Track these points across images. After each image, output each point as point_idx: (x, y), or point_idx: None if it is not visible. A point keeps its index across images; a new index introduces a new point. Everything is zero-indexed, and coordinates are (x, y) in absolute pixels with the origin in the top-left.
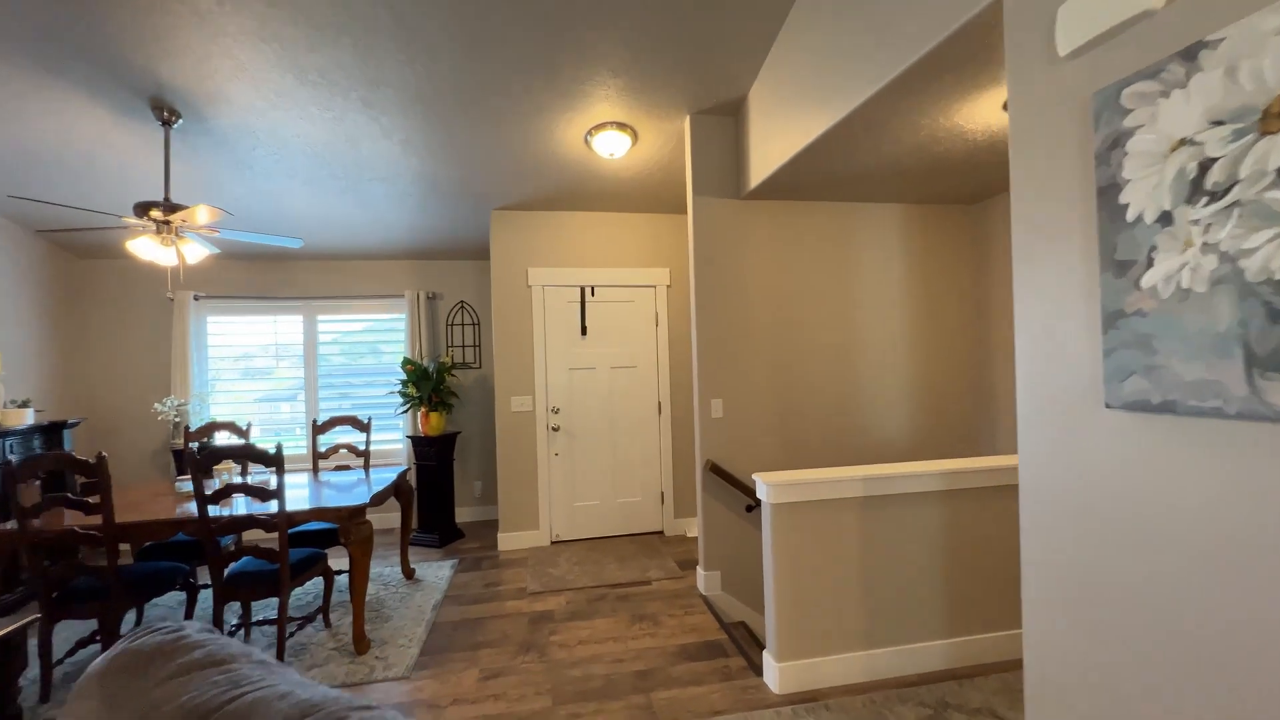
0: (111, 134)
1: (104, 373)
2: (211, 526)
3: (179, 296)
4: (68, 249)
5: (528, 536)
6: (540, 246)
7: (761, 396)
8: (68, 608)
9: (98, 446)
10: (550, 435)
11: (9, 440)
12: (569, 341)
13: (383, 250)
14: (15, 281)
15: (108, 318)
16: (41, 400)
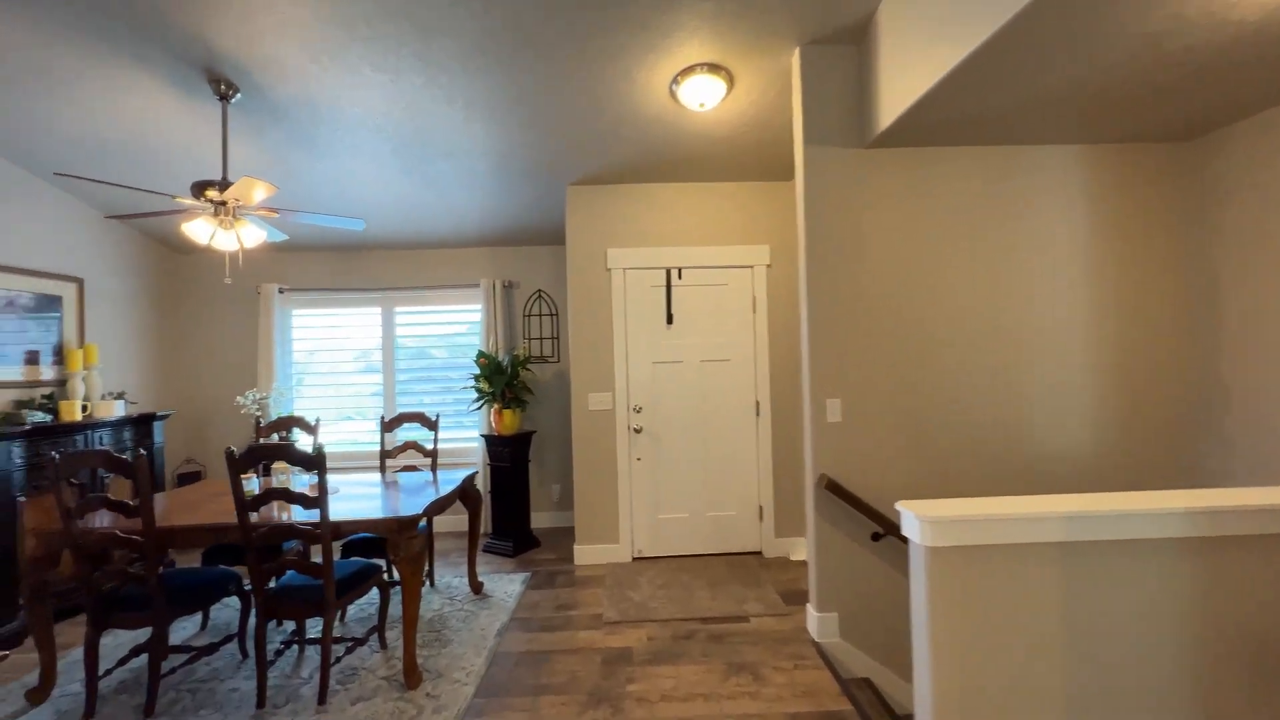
0: (176, 115)
1: (196, 366)
2: (251, 535)
3: (264, 290)
4: (165, 244)
5: (607, 551)
6: (620, 224)
7: (891, 397)
8: (114, 616)
9: (189, 439)
10: (632, 437)
11: (100, 432)
12: (653, 331)
13: (456, 237)
14: (117, 276)
15: (201, 311)
16: (136, 393)
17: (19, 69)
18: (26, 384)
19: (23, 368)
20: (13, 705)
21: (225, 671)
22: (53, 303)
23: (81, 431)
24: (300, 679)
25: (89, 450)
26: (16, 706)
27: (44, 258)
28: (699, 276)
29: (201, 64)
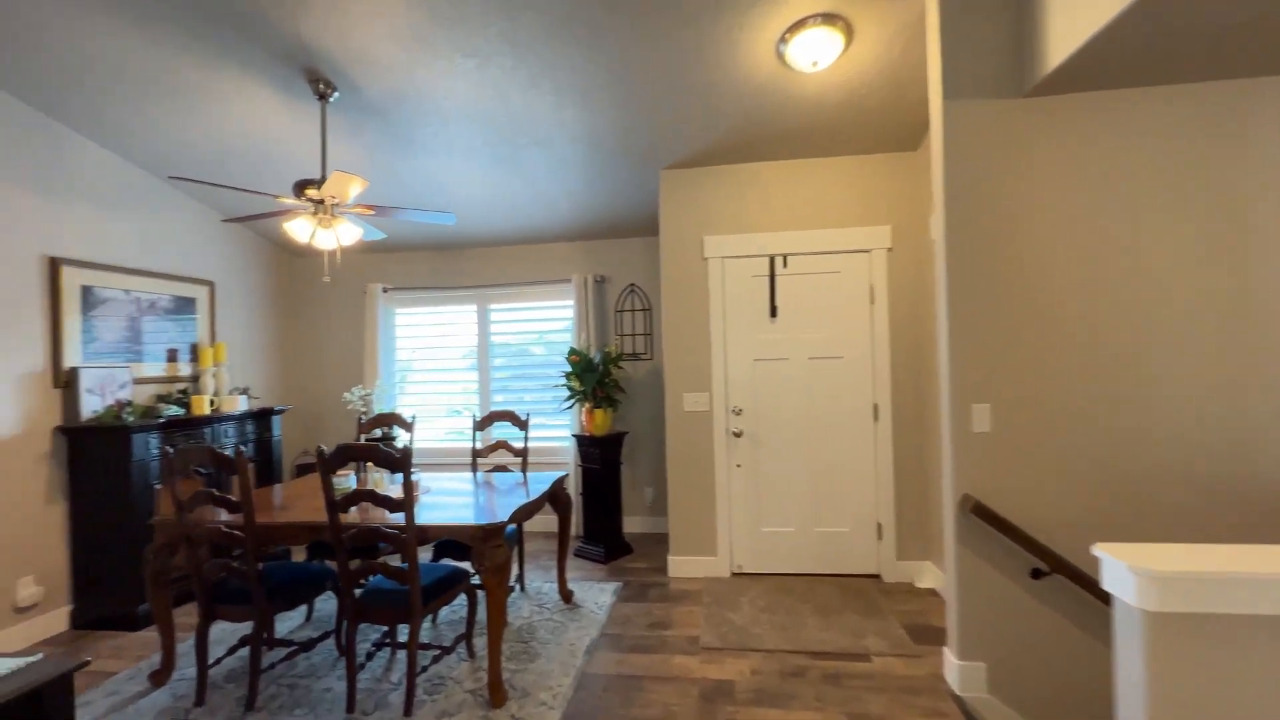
0: (280, 118)
1: (311, 363)
2: (341, 535)
3: (369, 289)
4: (283, 247)
5: (703, 563)
6: (718, 209)
7: (1058, 403)
8: (220, 608)
9: (305, 433)
10: (730, 442)
11: (226, 425)
12: (754, 326)
13: (547, 231)
14: (242, 279)
15: (316, 311)
16: (259, 388)
17: (146, 82)
18: (166, 379)
19: (164, 364)
20: (138, 685)
21: (322, 668)
22: (188, 304)
23: (209, 425)
24: (390, 684)
25: (196, 446)
26: (141, 687)
27: (181, 263)
28: (807, 264)
29: (301, 63)
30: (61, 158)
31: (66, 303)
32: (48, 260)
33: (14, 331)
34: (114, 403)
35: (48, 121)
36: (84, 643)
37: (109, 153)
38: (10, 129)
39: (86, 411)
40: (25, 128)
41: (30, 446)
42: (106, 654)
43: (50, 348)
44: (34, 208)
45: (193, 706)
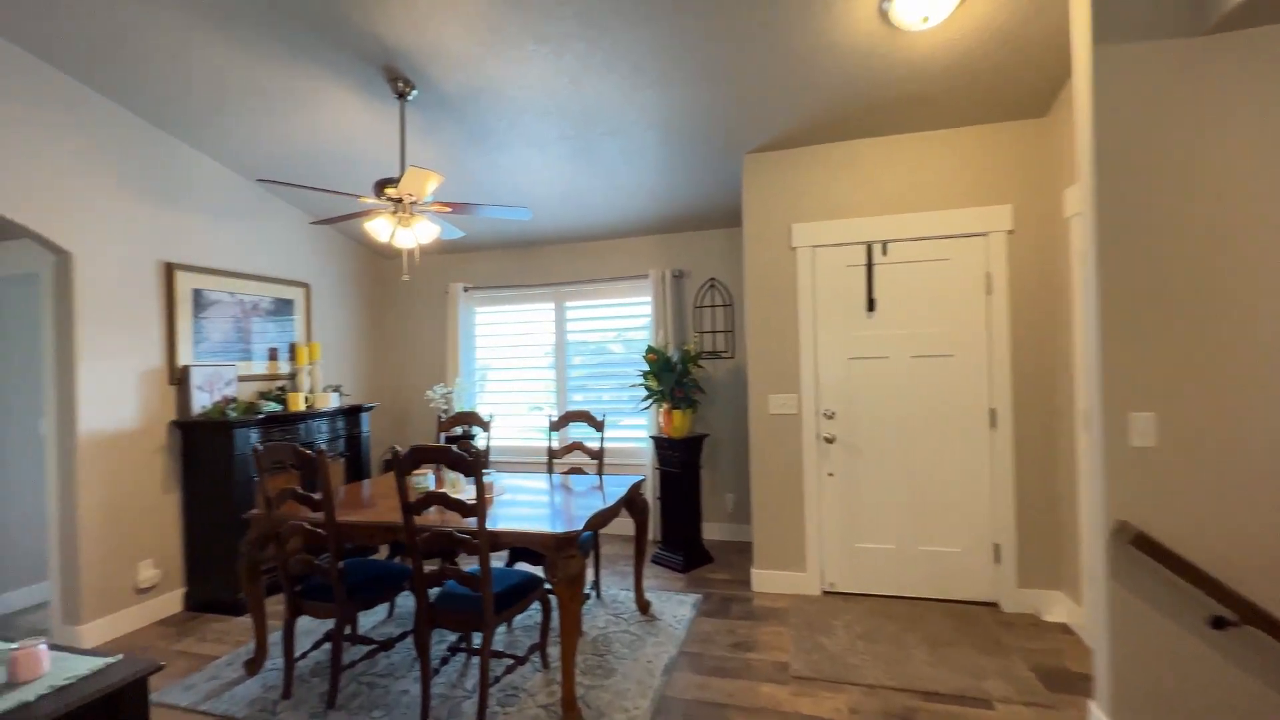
0: (362, 118)
1: (398, 361)
2: (415, 538)
3: (451, 289)
4: (371, 249)
5: (790, 579)
6: (808, 194)
7: (1247, 411)
8: (305, 603)
9: (392, 429)
10: (821, 448)
11: (319, 421)
12: (849, 321)
13: (623, 225)
14: (334, 281)
15: (403, 311)
16: (350, 385)
17: (243, 93)
18: (267, 377)
19: (265, 363)
20: (235, 672)
21: (400, 668)
22: (287, 305)
23: (303, 421)
24: (464, 691)
25: (281, 443)
26: (237, 674)
27: (280, 266)
28: (910, 251)
29: (380, 62)
30: (174, 169)
31: (180, 305)
32: (163, 265)
33: (136, 332)
34: (220, 399)
35: (162, 135)
36: (193, 624)
37: (214, 162)
38: (132, 144)
39: (196, 407)
40: (144, 142)
41: (149, 439)
42: (211, 637)
43: (166, 347)
44: (151, 217)
45: (280, 699)
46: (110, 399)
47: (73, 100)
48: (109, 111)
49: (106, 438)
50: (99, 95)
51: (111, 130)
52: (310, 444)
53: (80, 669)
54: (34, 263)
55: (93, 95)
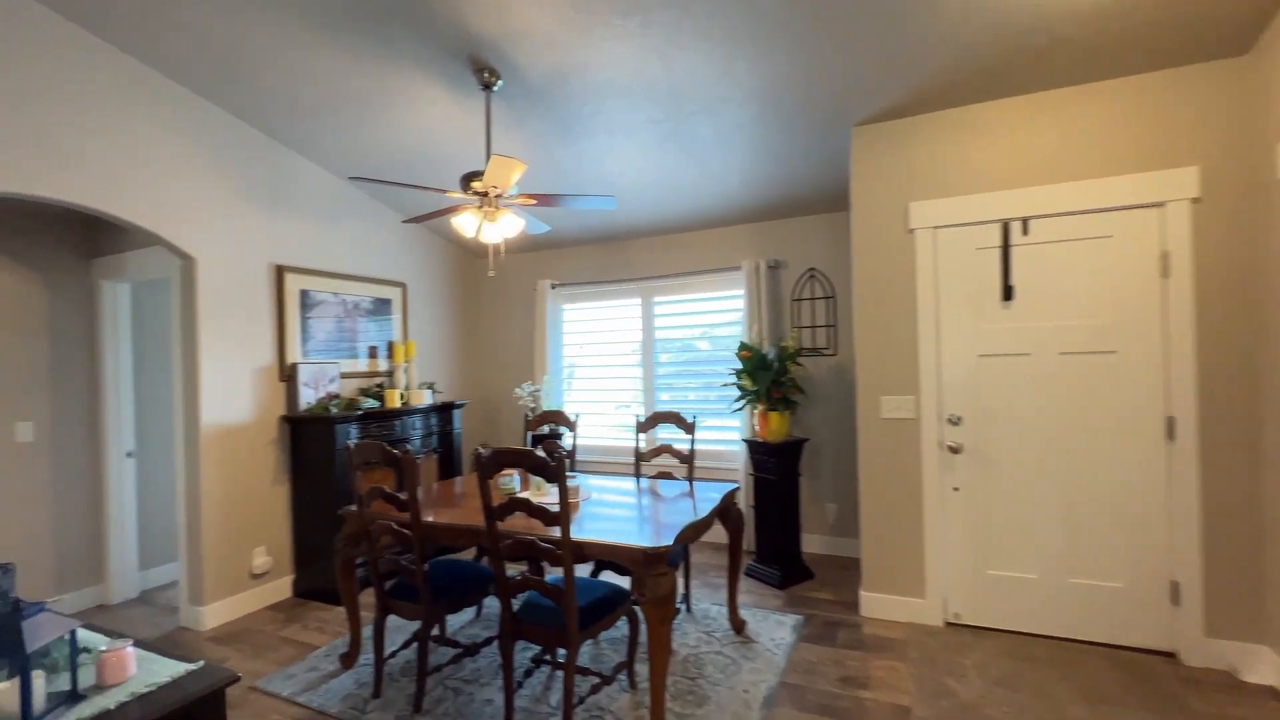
0: (449, 112)
1: (488, 359)
2: (498, 544)
3: (539, 286)
4: (463, 248)
5: (905, 606)
6: (929, 168)
7: None
8: (393, 603)
9: (482, 426)
10: (945, 459)
11: (413, 417)
12: (979, 312)
13: (714, 214)
14: (429, 280)
15: (493, 309)
16: (442, 383)
17: (341, 98)
18: (367, 374)
19: (365, 360)
20: (331, 664)
21: (486, 674)
22: (385, 305)
23: (399, 417)
24: (548, 707)
25: (370, 442)
26: (333, 666)
27: (379, 267)
28: (1058, 228)
29: (467, 53)
30: (282, 175)
31: (289, 305)
32: (274, 268)
33: (251, 332)
34: (324, 395)
35: (273, 144)
36: (299, 611)
37: (317, 167)
38: (247, 154)
39: (302, 403)
40: (257, 151)
41: (262, 432)
42: (313, 625)
43: (276, 345)
44: (263, 221)
45: (370, 698)
46: (227, 394)
47: (199, 116)
48: (227, 124)
49: (224, 431)
50: (219, 109)
51: (230, 142)
52: (405, 439)
53: (162, 675)
54: (167, 268)
55: (214, 109)
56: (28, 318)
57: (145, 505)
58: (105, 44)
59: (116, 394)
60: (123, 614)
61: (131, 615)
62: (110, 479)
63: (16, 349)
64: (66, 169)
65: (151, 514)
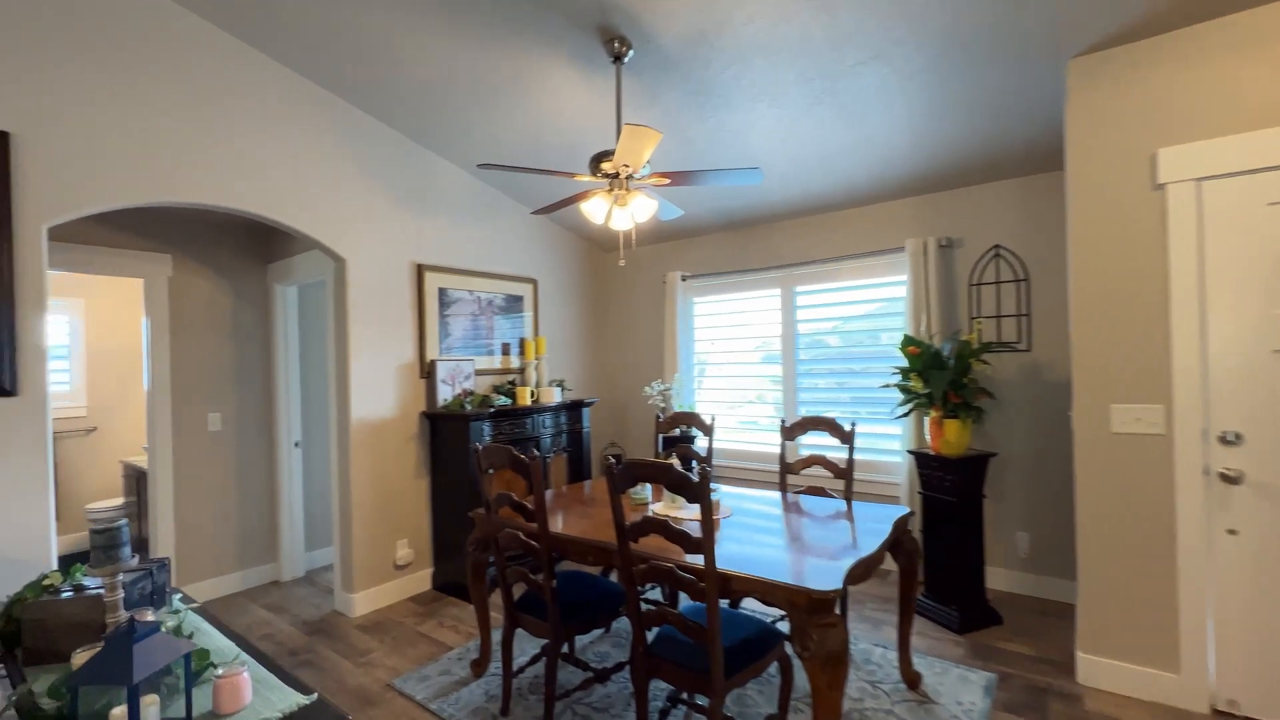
0: (577, 91)
1: (617, 355)
2: (631, 568)
3: (668, 278)
4: (592, 241)
5: (1149, 680)
6: (1186, 102)
7: None
8: (520, 617)
9: (612, 424)
10: (1214, 488)
11: (543, 416)
12: (1270, 291)
13: (872, 187)
14: (559, 275)
15: (622, 304)
16: (572, 380)
17: (472, 91)
18: (500, 371)
19: (499, 357)
20: (463, 669)
21: (617, 703)
22: (517, 302)
23: (530, 415)
24: None
25: (497, 445)
26: (464, 673)
27: (511, 263)
28: None
29: (595, 22)
30: (420, 175)
31: (428, 303)
32: (415, 266)
33: (395, 329)
34: (460, 391)
35: (413, 145)
36: (437, 605)
37: (451, 165)
38: (390, 156)
39: (440, 399)
40: (399, 153)
41: (404, 427)
42: (449, 622)
43: (417, 342)
44: (405, 221)
45: (499, 714)
46: (374, 390)
47: (348, 122)
48: (373, 129)
49: (371, 425)
50: (364, 114)
51: (375, 144)
52: (535, 438)
53: (276, 710)
54: (324, 270)
55: (361, 115)
56: (219, 320)
57: (310, 492)
58: (270, 59)
59: (286, 389)
60: (291, 591)
61: (297, 593)
62: (281, 467)
63: (210, 348)
64: (243, 180)
65: (315, 500)
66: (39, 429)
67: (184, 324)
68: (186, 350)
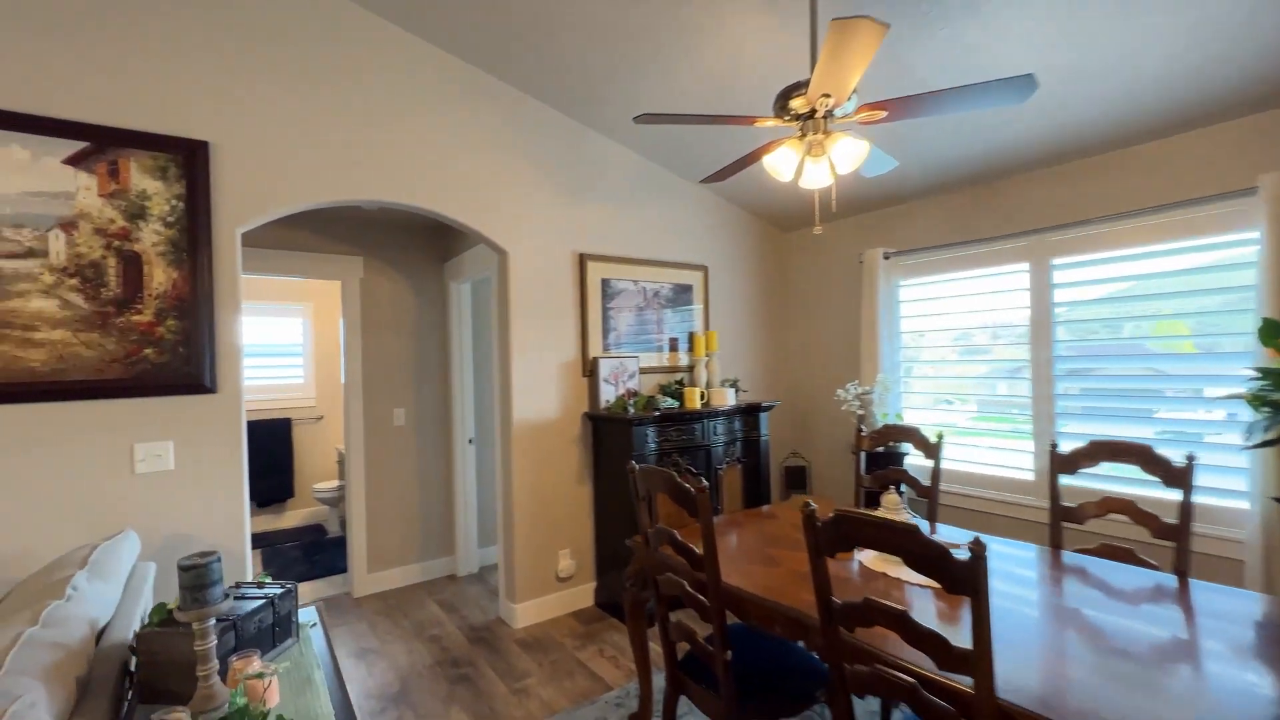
0: (762, 24)
1: (800, 352)
2: (840, 653)
3: (866, 258)
4: (770, 221)
5: None
6: None
7: None
8: (685, 682)
9: (793, 431)
10: None
11: (714, 421)
12: None
13: (1176, 109)
14: (730, 261)
15: (806, 292)
16: (746, 380)
17: (627, 44)
18: (666, 369)
19: (665, 354)
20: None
21: None
22: (685, 292)
23: (699, 420)
24: None
25: (657, 469)
26: None
27: (678, 250)
28: None
29: None
30: (582, 157)
31: (591, 296)
32: (577, 256)
33: (557, 324)
34: (624, 392)
35: (572, 124)
36: (598, 628)
37: (613, 143)
38: (550, 138)
39: (602, 400)
40: (558, 134)
41: (566, 429)
42: (609, 653)
43: (579, 338)
44: (566, 209)
45: None
46: (535, 389)
47: (508, 106)
48: (533, 111)
49: (533, 426)
50: (522, 93)
51: (535, 127)
52: (705, 446)
53: None
54: (490, 265)
55: (521, 96)
56: (402, 318)
57: (483, 489)
58: (432, 46)
59: (461, 386)
60: (464, 589)
61: (469, 592)
62: (457, 463)
63: (395, 346)
64: (408, 173)
65: (487, 498)
66: (235, 423)
67: (373, 322)
68: (375, 348)
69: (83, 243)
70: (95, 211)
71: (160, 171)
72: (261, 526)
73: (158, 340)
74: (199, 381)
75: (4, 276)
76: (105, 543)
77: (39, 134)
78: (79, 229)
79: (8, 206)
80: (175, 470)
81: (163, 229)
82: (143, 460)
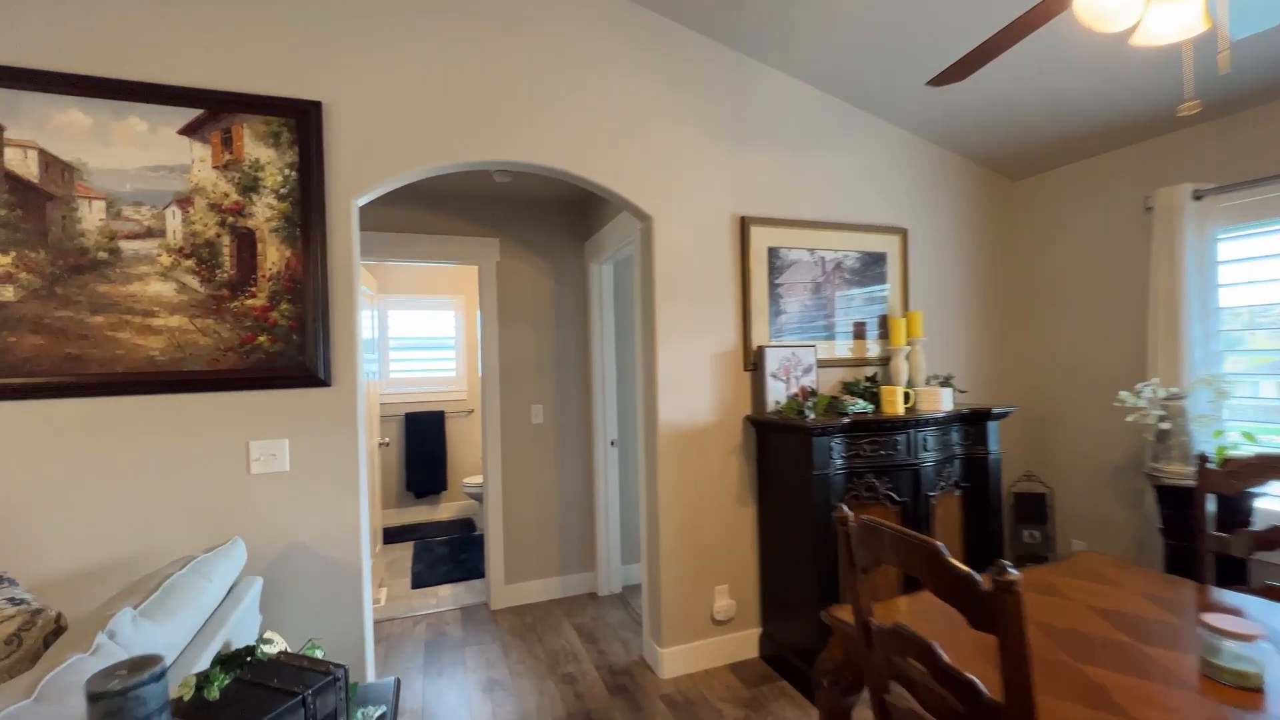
0: None
1: (1038, 340)
2: None
3: (1159, 202)
4: (994, 167)
5: None
6: None
7: None
8: None
9: (1025, 448)
10: None
11: (923, 432)
12: None
13: None
14: (938, 221)
15: (1047, 254)
16: (962, 378)
17: None
18: (853, 362)
19: (850, 342)
20: None
21: None
22: (876, 262)
23: (902, 429)
24: None
25: (892, 530)
26: None
27: (868, 208)
28: None
29: None
30: (745, 96)
31: (754, 269)
32: (737, 220)
33: (711, 305)
34: (797, 391)
35: (735, 55)
36: (762, 692)
37: (786, 76)
38: (706, 76)
39: (770, 400)
40: (716, 71)
41: (724, 437)
42: None
43: (740, 322)
44: (725, 162)
45: None
46: (685, 385)
47: (652, 35)
48: (682, 42)
49: (682, 432)
50: (669, 21)
51: (687, 65)
52: (913, 465)
53: None
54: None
55: (665, 23)
56: (540, 305)
57: (626, 499)
58: None
59: (602, 381)
60: (605, 612)
61: (610, 618)
62: (598, 467)
63: (533, 336)
64: (534, 129)
65: (630, 508)
66: (352, 421)
67: (509, 310)
68: (512, 337)
69: (198, 220)
70: (210, 185)
71: (273, 138)
72: (417, 518)
73: (271, 326)
74: (313, 373)
75: (124, 258)
76: (203, 555)
77: (156, 102)
78: (194, 205)
79: (128, 183)
80: (290, 471)
81: (275, 202)
82: (258, 459)
